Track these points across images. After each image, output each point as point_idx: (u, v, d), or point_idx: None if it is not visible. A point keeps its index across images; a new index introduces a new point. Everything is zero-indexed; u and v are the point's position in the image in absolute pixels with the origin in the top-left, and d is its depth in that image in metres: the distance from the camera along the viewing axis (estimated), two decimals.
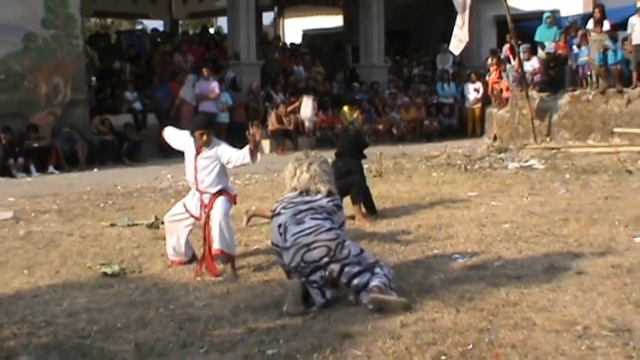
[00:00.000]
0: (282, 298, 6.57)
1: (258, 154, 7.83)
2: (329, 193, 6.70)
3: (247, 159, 7.72)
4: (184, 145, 8.01)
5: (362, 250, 6.60)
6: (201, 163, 7.87)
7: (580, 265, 7.31)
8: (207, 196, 7.91)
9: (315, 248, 6.36)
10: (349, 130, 11.82)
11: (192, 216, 8.01)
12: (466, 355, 5.09)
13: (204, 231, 7.82)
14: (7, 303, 6.90)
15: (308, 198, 6.65)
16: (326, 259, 6.36)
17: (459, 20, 19.40)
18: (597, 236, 8.55)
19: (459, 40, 19.57)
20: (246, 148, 7.73)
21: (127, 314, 6.39)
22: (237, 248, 8.12)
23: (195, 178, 7.93)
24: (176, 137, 8.25)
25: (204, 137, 7.80)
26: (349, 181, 10.19)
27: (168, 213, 8.32)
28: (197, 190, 7.98)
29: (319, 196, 6.66)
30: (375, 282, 6.24)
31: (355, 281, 6.34)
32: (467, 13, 18.96)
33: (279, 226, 6.64)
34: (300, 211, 6.56)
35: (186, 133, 8.02)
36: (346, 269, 6.37)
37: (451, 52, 20.97)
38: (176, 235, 8.08)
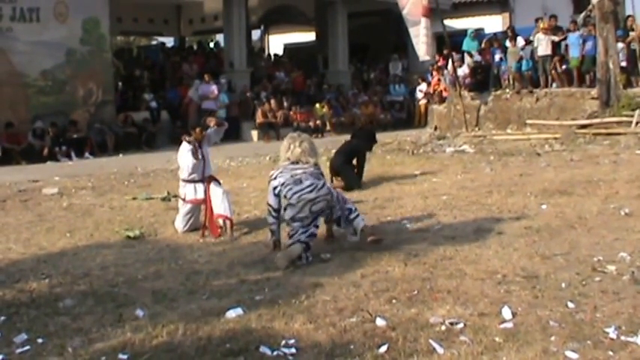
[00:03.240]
0: (267, 256, 6.61)
1: (222, 128, 8.26)
2: (315, 165, 6.85)
3: (219, 131, 8.20)
4: (187, 156, 7.90)
5: (343, 197, 7.04)
6: (205, 151, 7.95)
7: (500, 227, 7.34)
8: (205, 180, 7.96)
9: (318, 202, 6.59)
10: (372, 128, 12.35)
11: (200, 202, 7.94)
12: (412, 299, 5.11)
13: (207, 203, 7.83)
14: (54, 259, 6.95)
15: (299, 166, 6.73)
16: (325, 208, 6.68)
17: (412, 34, 19.18)
18: (514, 204, 8.58)
19: (425, 51, 19.26)
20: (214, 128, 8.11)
21: (146, 268, 6.40)
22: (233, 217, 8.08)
23: (203, 170, 7.94)
24: (185, 161, 8.03)
25: (203, 132, 7.98)
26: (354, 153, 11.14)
27: (180, 227, 8.05)
28: (201, 179, 7.95)
29: (307, 165, 6.75)
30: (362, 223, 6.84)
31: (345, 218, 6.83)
32: (428, 33, 18.72)
33: (275, 188, 6.69)
34: (297, 174, 6.65)
35: (181, 154, 8.00)
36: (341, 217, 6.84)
37: (423, 58, 20.40)
38: (194, 225, 8.04)
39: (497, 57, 19.88)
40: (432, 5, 18.76)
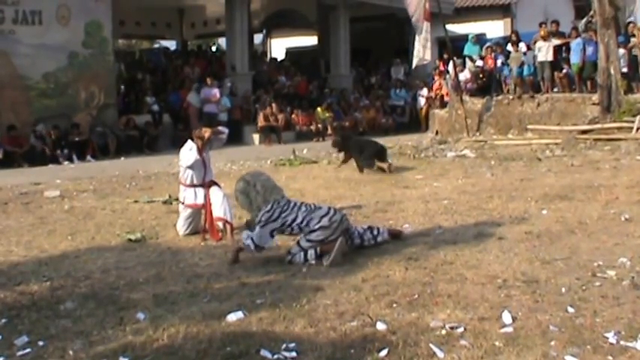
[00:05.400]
0: (267, 259, 6.59)
1: (223, 135, 8.24)
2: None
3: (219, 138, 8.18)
4: (192, 158, 7.90)
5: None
6: (207, 157, 7.96)
7: (501, 232, 7.33)
8: (205, 185, 7.95)
9: (344, 221, 6.64)
10: (377, 144, 13.30)
11: (200, 207, 7.93)
12: (413, 303, 5.10)
13: (207, 207, 7.83)
14: (55, 261, 6.94)
15: (284, 200, 6.70)
16: (346, 230, 6.67)
17: (418, 39, 19.05)
18: (514, 209, 8.57)
19: (418, 58, 19.12)
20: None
21: (147, 271, 6.39)
22: (233, 220, 8.08)
23: (204, 174, 7.96)
24: (185, 159, 8.03)
25: (209, 133, 7.94)
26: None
27: (181, 230, 8.06)
28: (201, 184, 7.96)
29: (284, 195, 6.82)
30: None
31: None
32: (428, 37, 18.64)
33: (274, 229, 6.53)
34: (300, 205, 6.65)
35: (184, 155, 7.98)
36: (365, 236, 6.90)
37: (412, 64, 20.26)
38: (195, 229, 8.04)
39: (499, 62, 19.90)
40: (434, 10, 18.77)
